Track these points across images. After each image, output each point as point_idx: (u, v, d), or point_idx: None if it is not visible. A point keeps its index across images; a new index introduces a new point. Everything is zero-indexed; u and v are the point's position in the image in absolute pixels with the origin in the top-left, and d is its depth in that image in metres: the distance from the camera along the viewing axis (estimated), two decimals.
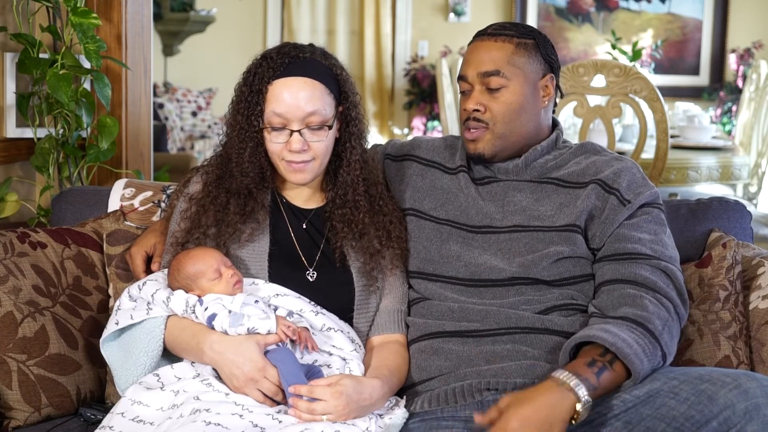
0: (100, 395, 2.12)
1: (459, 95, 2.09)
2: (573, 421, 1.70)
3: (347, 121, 2.01)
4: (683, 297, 1.93)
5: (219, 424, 1.68)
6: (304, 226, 2.05)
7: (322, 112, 1.93)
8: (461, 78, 2.05)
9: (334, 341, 1.91)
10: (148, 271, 2.10)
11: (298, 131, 1.92)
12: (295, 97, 1.92)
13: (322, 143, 1.95)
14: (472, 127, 2.02)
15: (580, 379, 1.71)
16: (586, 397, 1.70)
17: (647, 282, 1.89)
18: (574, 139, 4.41)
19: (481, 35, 2.06)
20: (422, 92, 7.90)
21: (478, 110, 2.01)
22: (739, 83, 7.41)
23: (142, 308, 1.90)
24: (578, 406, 1.69)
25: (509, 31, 2.03)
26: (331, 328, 1.92)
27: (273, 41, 7.94)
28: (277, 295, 1.93)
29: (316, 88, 1.93)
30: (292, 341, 1.85)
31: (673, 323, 1.87)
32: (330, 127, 1.96)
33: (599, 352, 1.77)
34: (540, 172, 2.05)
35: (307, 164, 1.96)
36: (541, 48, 2.03)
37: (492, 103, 2.00)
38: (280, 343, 1.83)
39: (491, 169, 2.07)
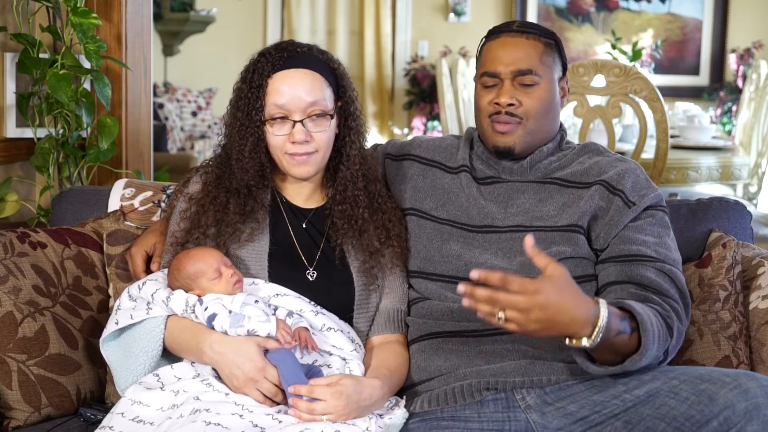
0: (100, 395, 2.12)
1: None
2: (565, 340, 1.69)
3: (346, 115, 2.02)
4: (686, 300, 1.92)
5: (219, 424, 1.68)
6: (304, 226, 2.05)
7: (322, 103, 1.94)
8: (489, 74, 2.01)
9: (334, 341, 1.91)
10: (148, 271, 2.10)
11: (300, 122, 1.93)
12: (295, 89, 1.93)
13: (324, 134, 1.96)
14: (503, 121, 2.00)
15: (609, 326, 1.67)
16: (594, 342, 1.67)
17: (653, 284, 1.88)
18: (574, 139, 4.40)
19: (505, 31, 2.03)
20: (422, 92, 7.91)
21: (512, 104, 1.99)
22: (739, 83, 7.41)
23: (141, 308, 1.90)
24: (584, 341, 1.68)
25: (534, 30, 2.03)
26: (331, 328, 1.92)
27: (273, 41, 7.85)
28: (277, 295, 1.93)
29: (316, 79, 1.95)
30: None
31: (678, 326, 1.87)
32: (331, 117, 1.96)
33: (628, 316, 1.74)
34: (544, 173, 2.05)
35: (310, 156, 1.96)
36: (559, 49, 2.06)
37: (525, 98, 1.99)
38: None
39: (495, 168, 2.07)
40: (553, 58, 2.03)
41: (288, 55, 1.96)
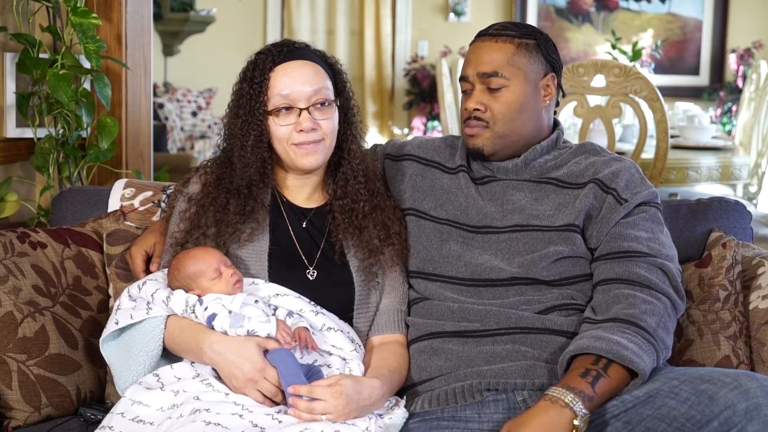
0: (100, 395, 2.12)
1: (461, 94, 2.10)
2: None
3: (345, 110, 2.05)
4: (680, 293, 1.93)
5: (219, 424, 1.68)
6: (304, 225, 2.05)
7: (324, 91, 1.97)
8: (462, 78, 2.06)
9: (334, 341, 1.91)
10: (148, 271, 2.10)
11: (306, 109, 1.95)
12: (298, 78, 1.96)
13: (330, 121, 1.98)
14: (471, 125, 2.03)
15: (575, 393, 1.71)
16: (583, 411, 1.69)
17: (642, 280, 1.89)
18: (574, 139, 4.41)
19: (482, 35, 2.06)
20: (422, 92, 7.90)
21: (478, 109, 2.02)
22: (739, 83, 7.41)
23: (141, 308, 1.90)
24: (576, 421, 1.69)
25: (511, 31, 2.03)
26: (331, 328, 1.92)
27: (273, 41, 7.92)
28: (277, 295, 1.93)
29: (316, 69, 1.98)
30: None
31: (668, 319, 1.87)
32: (336, 104, 1.99)
33: (591, 360, 1.77)
34: (539, 172, 2.06)
35: (318, 144, 1.97)
36: (542, 48, 2.04)
37: (492, 103, 2.01)
38: None
39: (490, 168, 2.08)
40: (528, 59, 2.02)
41: (287, 49, 1.99)
